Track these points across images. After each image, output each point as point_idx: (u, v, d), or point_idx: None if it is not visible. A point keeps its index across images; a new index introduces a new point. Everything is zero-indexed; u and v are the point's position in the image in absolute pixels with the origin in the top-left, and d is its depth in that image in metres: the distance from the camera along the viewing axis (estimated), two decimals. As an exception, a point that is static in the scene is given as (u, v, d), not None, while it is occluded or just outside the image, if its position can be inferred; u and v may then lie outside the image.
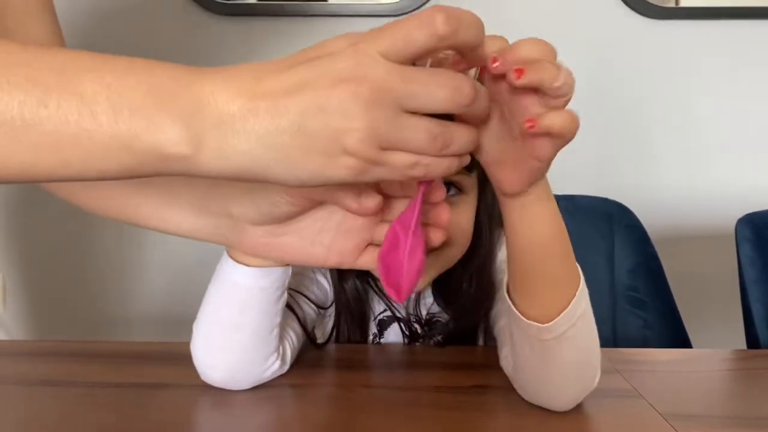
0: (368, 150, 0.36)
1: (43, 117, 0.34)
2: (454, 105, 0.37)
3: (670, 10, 1.48)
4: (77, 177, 0.37)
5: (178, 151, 0.36)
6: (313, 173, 0.37)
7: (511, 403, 0.60)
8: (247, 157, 0.36)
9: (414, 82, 0.36)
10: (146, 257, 1.57)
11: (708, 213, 1.50)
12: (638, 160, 1.51)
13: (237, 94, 0.36)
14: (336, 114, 0.35)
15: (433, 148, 0.38)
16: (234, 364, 0.62)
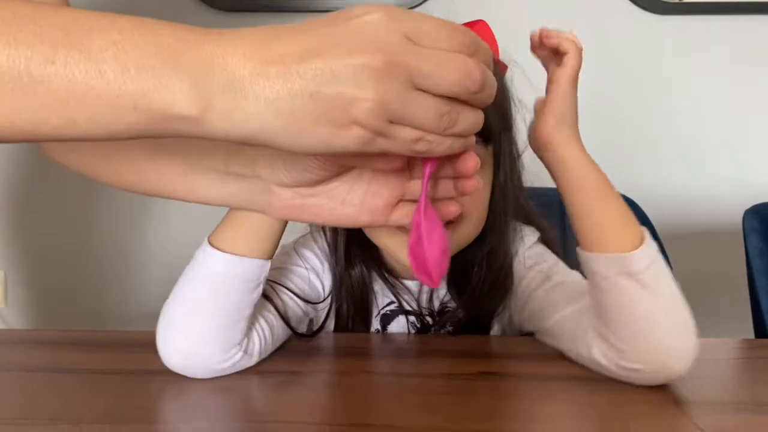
0: (376, 121, 0.36)
1: (51, 74, 0.34)
2: (463, 89, 0.37)
3: (674, 5, 1.48)
4: (84, 136, 0.36)
5: (185, 112, 0.35)
6: (320, 142, 0.36)
7: (519, 390, 0.60)
8: (255, 121, 0.36)
9: (427, 61, 0.36)
10: (147, 252, 1.56)
11: (714, 208, 1.50)
12: (644, 156, 1.51)
13: (248, 56, 0.35)
14: (349, 83, 0.35)
15: (438, 127, 0.37)
16: (193, 348, 0.59)
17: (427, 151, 0.39)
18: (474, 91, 0.37)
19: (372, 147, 0.37)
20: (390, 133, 0.37)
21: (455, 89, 0.37)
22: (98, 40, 0.34)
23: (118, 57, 0.34)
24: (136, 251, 1.57)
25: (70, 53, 0.34)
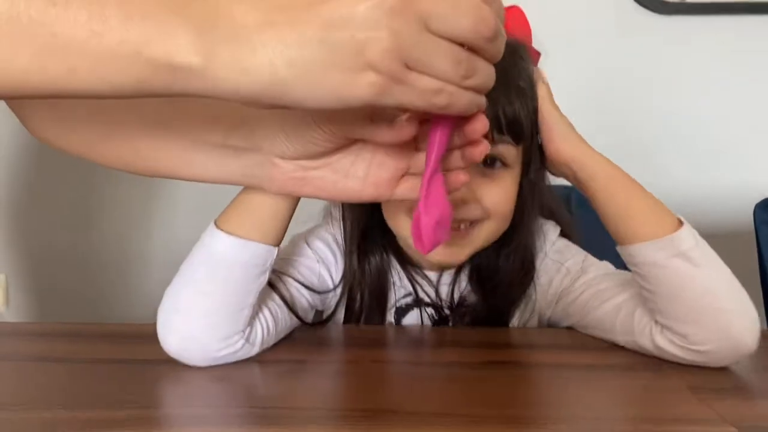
0: (392, 63, 0.34)
1: (51, 16, 0.32)
2: (477, 35, 0.36)
3: (677, 5, 1.47)
4: (84, 90, 0.34)
5: (188, 60, 0.33)
6: (334, 92, 0.34)
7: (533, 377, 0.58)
8: (263, 72, 0.34)
9: (442, 2, 0.34)
10: (149, 255, 1.55)
11: (721, 208, 1.48)
12: (646, 156, 1.50)
13: (254, 6, 0.34)
14: (361, 24, 0.33)
15: (456, 74, 0.36)
16: (191, 332, 0.57)
17: (447, 106, 0.37)
18: (488, 37, 0.36)
19: (388, 98, 0.35)
20: (407, 80, 0.35)
21: (469, 34, 0.35)
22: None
23: (122, 4, 0.33)
24: (138, 254, 1.56)
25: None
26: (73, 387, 0.56)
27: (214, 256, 0.58)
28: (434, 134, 0.43)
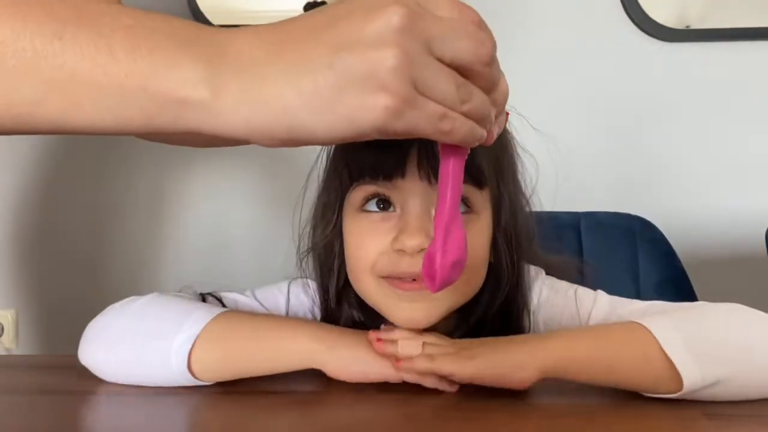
0: (403, 82, 0.33)
1: (57, 49, 0.32)
2: (477, 57, 0.36)
3: (680, 32, 1.47)
4: (88, 124, 0.34)
5: (196, 93, 0.33)
6: (346, 118, 0.34)
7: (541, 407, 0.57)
8: (273, 102, 0.33)
9: (443, 26, 0.35)
10: (160, 282, 1.55)
11: (735, 232, 1.47)
12: (653, 182, 1.49)
13: (262, 40, 0.34)
14: (371, 43, 0.33)
15: (457, 99, 0.36)
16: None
17: (451, 131, 0.36)
18: (486, 59, 0.36)
19: (400, 122, 0.34)
20: (417, 104, 0.34)
21: (470, 57, 0.36)
22: (109, 22, 0.33)
23: (129, 37, 0.33)
24: (147, 285, 1.56)
25: (79, 30, 0.32)
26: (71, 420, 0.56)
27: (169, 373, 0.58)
28: (446, 170, 0.43)
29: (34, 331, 1.56)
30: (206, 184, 1.56)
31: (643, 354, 0.55)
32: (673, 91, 1.48)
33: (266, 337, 0.59)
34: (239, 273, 1.51)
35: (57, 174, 1.55)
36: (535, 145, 0.73)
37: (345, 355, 0.58)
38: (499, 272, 0.65)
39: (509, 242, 0.65)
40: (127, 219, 1.56)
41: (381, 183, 0.58)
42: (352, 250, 0.61)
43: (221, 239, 1.55)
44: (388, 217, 0.59)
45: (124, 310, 0.63)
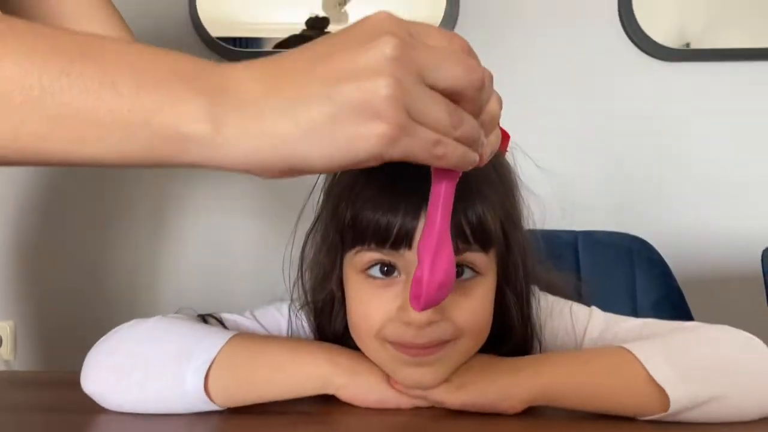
0: (398, 110, 0.34)
1: (63, 85, 0.33)
2: (469, 83, 0.37)
3: (681, 52, 1.49)
4: (92, 157, 0.35)
5: (198, 128, 0.34)
6: (343, 147, 0.35)
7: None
8: (272, 136, 0.34)
9: (434, 52, 0.36)
10: (158, 297, 1.55)
11: (731, 251, 1.47)
12: (656, 202, 1.50)
13: (259, 76, 0.35)
14: (365, 72, 0.34)
15: (449, 124, 0.37)
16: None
17: (444, 156, 0.37)
18: (477, 85, 0.37)
19: (395, 149, 0.35)
20: (411, 131, 0.35)
21: (461, 83, 0.37)
22: (114, 59, 0.34)
23: (133, 73, 0.34)
24: (146, 302, 1.56)
25: (84, 68, 0.33)
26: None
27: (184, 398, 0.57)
28: (438, 192, 0.44)
29: (32, 342, 1.56)
30: (206, 198, 1.56)
31: (629, 378, 0.56)
32: (671, 111, 1.49)
33: (283, 362, 0.59)
34: (238, 287, 1.52)
35: (57, 186, 1.56)
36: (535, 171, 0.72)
37: (362, 383, 0.58)
38: (507, 324, 0.64)
39: (519, 294, 0.64)
40: (126, 232, 1.57)
41: (386, 251, 0.55)
42: (356, 315, 0.59)
43: (220, 253, 1.55)
44: (393, 282, 0.56)
45: (129, 334, 0.62)
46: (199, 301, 1.69)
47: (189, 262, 1.56)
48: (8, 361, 1.56)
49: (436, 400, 0.57)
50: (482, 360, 0.60)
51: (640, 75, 1.49)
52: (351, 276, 0.59)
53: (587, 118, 1.50)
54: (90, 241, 1.57)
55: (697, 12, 1.50)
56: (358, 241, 0.57)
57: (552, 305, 0.72)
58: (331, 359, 0.59)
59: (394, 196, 0.54)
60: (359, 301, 0.59)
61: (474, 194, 0.55)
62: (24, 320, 1.56)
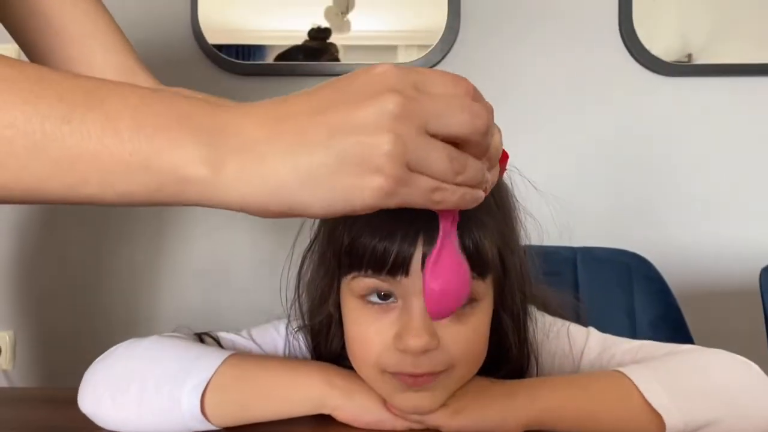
0: (396, 165, 0.35)
1: (66, 132, 0.34)
2: (473, 129, 0.38)
3: (682, 67, 1.49)
4: (92, 197, 0.36)
5: (196, 171, 0.35)
6: (341, 197, 0.36)
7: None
8: (271, 180, 0.35)
9: (438, 104, 0.37)
10: (157, 308, 1.56)
11: (729, 268, 1.47)
12: (653, 217, 1.50)
13: (262, 120, 0.36)
14: (366, 128, 0.35)
15: (451, 172, 0.37)
16: None
17: (442, 201, 0.38)
18: (482, 131, 0.38)
19: (393, 200, 0.36)
20: (410, 182, 0.36)
21: (466, 131, 0.37)
22: (117, 103, 0.35)
23: (135, 118, 0.35)
24: (145, 316, 1.56)
25: (87, 113, 0.34)
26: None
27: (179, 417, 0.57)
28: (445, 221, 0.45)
29: (31, 352, 1.56)
30: (205, 213, 1.56)
31: (625, 402, 0.56)
32: (672, 126, 1.50)
33: (279, 382, 0.59)
34: (238, 301, 1.52)
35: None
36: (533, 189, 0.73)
37: (358, 404, 0.58)
38: (504, 347, 0.64)
39: (515, 318, 0.64)
40: (127, 244, 1.57)
41: (383, 278, 0.55)
42: (354, 342, 0.59)
43: (220, 267, 1.56)
44: (390, 308, 0.56)
45: (126, 354, 0.62)
46: (198, 316, 1.70)
47: (188, 276, 1.56)
48: (6, 371, 1.56)
49: (433, 425, 0.57)
50: (479, 384, 0.60)
51: (640, 90, 1.50)
52: (348, 301, 0.59)
53: (587, 133, 1.50)
54: (89, 252, 1.57)
55: (699, 27, 1.51)
56: (355, 267, 0.57)
57: (549, 326, 0.72)
58: (327, 380, 0.59)
59: (392, 223, 0.54)
60: (358, 327, 0.59)
61: (471, 221, 0.55)
62: (23, 330, 1.56)
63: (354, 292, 0.58)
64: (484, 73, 1.44)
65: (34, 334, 1.56)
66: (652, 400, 0.55)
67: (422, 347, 0.54)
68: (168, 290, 1.57)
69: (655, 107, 1.50)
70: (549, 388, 0.59)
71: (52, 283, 1.56)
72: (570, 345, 0.70)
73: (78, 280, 1.56)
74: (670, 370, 0.59)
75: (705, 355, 0.61)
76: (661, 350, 0.65)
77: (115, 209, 1.55)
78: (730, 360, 0.60)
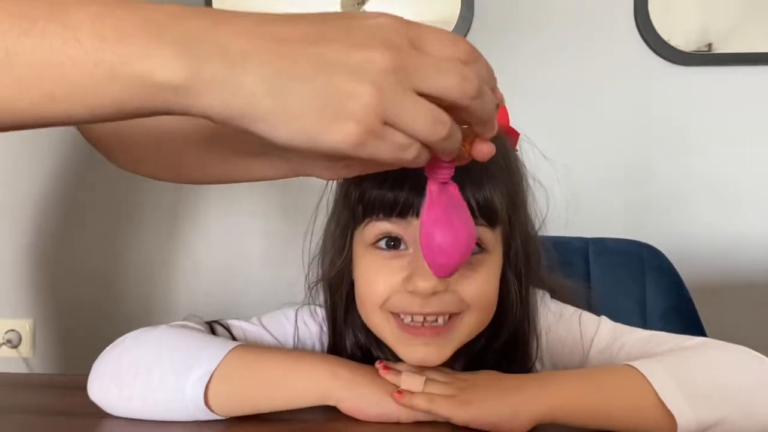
0: (371, 119, 0.35)
1: (27, 46, 0.33)
2: (461, 92, 0.37)
3: (700, 56, 1.47)
4: (63, 114, 0.35)
5: (169, 77, 0.34)
6: (309, 131, 0.35)
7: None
8: (243, 97, 0.34)
9: (428, 65, 0.36)
10: (173, 298, 1.57)
11: (744, 261, 1.46)
12: (670, 208, 1.49)
13: (249, 30, 0.35)
14: (351, 73, 0.34)
15: (433, 133, 0.37)
16: None
17: (414, 160, 0.38)
18: (472, 95, 0.37)
19: (363, 150, 0.36)
20: (383, 136, 0.36)
21: (453, 92, 0.37)
22: (78, 13, 0.34)
23: (96, 27, 0.34)
24: (163, 298, 1.58)
25: (48, 25, 0.33)
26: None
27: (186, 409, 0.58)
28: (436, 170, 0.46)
29: (50, 340, 1.59)
30: (220, 200, 1.58)
31: (638, 399, 0.56)
32: (687, 117, 1.48)
33: (283, 374, 0.59)
34: (252, 289, 1.53)
35: (76, 187, 1.58)
36: (545, 170, 0.74)
37: (362, 396, 0.58)
38: (507, 305, 0.65)
39: (518, 276, 0.66)
40: (143, 234, 1.59)
41: (394, 220, 0.58)
42: (363, 286, 0.61)
43: (234, 256, 1.57)
44: (400, 255, 0.59)
45: (134, 344, 0.63)
46: (213, 304, 1.72)
47: (203, 264, 1.58)
48: (27, 359, 1.59)
49: (442, 416, 0.57)
50: (489, 376, 0.61)
51: (656, 80, 1.48)
52: (360, 250, 0.62)
53: (600, 123, 1.49)
54: (106, 244, 1.59)
55: (717, 16, 1.49)
56: (367, 213, 0.59)
57: (562, 310, 0.73)
58: (332, 371, 0.59)
59: (399, 173, 0.55)
60: (367, 272, 0.60)
61: (481, 173, 0.58)
62: (42, 319, 1.58)
63: (366, 241, 0.60)
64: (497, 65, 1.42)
65: (53, 323, 1.59)
66: (665, 398, 0.54)
67: (431, 289, 0.55)
68: (183, 280, 1.58)
69: (671, 97, 1.48)
70: (560, 383, 0.59)
71: (70, 274, 1.58)
72: (581, 333, 0.70)
73: (96, 271, 1.58)
74: (684, 366, 0.58)
75: (719, 350, 0.61)
76: (671, 341, 0.64)
77: (132, 201, 1.57)
78: (745, 356, 0.60)
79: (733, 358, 0.60)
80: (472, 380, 0.59)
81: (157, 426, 0.59)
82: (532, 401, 0.57)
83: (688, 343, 0.63)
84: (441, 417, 0.57)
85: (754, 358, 0.59)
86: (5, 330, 1.58)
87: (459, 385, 0.59)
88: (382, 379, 0.59)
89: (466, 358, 0.66)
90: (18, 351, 1.58)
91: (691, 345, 0.62)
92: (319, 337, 0.72)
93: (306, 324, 0.72)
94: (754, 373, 0.58)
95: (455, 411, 0.56)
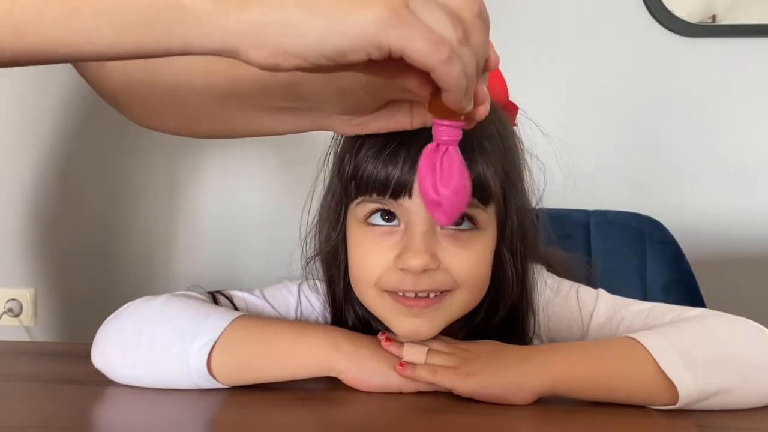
0: (398, 2, 0.36)
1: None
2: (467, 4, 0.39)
3: (706, 27, 1.46)
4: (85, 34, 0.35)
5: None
6: (337, 22, 0.36)
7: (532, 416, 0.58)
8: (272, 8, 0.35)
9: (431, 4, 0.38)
10: (174, 270, 1.58)
11: (747, 235, 1.46)
12: (674, 181, 1.48)
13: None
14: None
15: (455, 33, 0.37)
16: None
17: (449, 60, 0.37)
18: (477, 11, 0.39)
19: (392, 32, 0.36)
20: (411, 23, 0.36)
21: (462, 3, 0.38)
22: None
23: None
24: (164, 269, 1.58)
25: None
26: (96, 410, 0.58)
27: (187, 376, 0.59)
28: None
29: (51, 309, 1.60)
30: (220, 173, 1.58)
31: (639, 370, 0.56)
32: (691, 88, 1.47)
33: (285, 345, 0.60)
34: (252, 260, 1.53)
35: (75, 159, 1.58)
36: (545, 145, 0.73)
37: (364, 367, 0.59)
38: (503, 281, 0.64)
39: (514, 253, 0.65)
40: (143, 205, 1.59)
41: (387, 201, 0.58)
42: (356, 264, 0.61)
43: (233, 227, 1.57)
44: (393, 231, 0.58)
45: (137, 312, 0.63)
46: (213, 273, 1.72)
47: (204, 235, 1.58)
48: (29, 328, 1.60)
49: (446, 387, 0.57)
50: (492, 347, 0.61)
51: (662, 52, 1.47)
52: (353, 226, 0.61)
53: (603, 95, 1.48)
54: (108, 213, 1.59)
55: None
56: (361, 191, 0.59)
57: (559, 285, 0.72)
58: (334, 343, 0.59)
59: (394, 148, 0.56)
60: (360, 249, 0.60)
61: (474, 149, 0.57)
62: (43, 288, 1.59)
63: (359, 218, 0.60)
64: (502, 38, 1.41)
65: (54, 292, 1.59)
66: (667, 369, 0.55)
67: (422, 266, 0.55)
68: (183, 250, 1.59)
69: (674, 70, 1.47)
70: (563, 355, 0.59)
71: (71, 243, 1.58)
72: (579, 307, 0.70)
73: (96, 240, 1.59)
74: (686, 337, 0.58)
75: (720, 321, 0.61)
76: (671, 312, 0.65)
77: (132, 171, 1.56)
78: (745, 326, 0.60)
79: (734, 328, 0.60)
80: (474, 350, 0.60)
81: (160, 393, 0.60)
82: (536, 373, 0.57)
83: (688, 314, 0.63)
84: (444, 388, 0.57)
85: (754, 328, 0.60)
86: (6, 299, 1.58)
87: (462, 356, 0.59)
88: (384, 351, 0.59)
89: (467, 332, 0.66)
90: (19, 320, 1.59)
91: (691, 316, 0.63)
92: (322, 314, 0.72)
93: (309, 300, 0.72)
94: (754, 343, 0.59)
95: (459, 383, 0.57)
